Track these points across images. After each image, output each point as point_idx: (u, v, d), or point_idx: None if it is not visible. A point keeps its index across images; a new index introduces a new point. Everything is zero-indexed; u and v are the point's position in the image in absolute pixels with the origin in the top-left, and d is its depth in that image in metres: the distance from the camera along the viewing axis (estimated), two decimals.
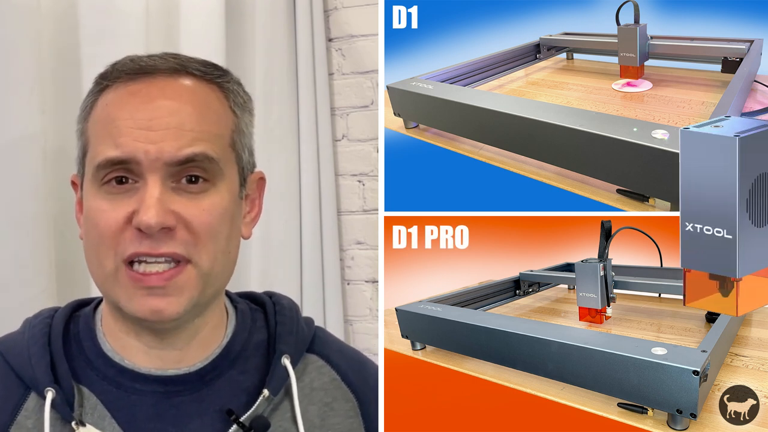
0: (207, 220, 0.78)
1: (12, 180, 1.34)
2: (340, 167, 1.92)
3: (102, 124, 0.79)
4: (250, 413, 0.81)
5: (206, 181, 0.78)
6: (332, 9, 1.92)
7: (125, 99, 0.78)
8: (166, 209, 0.75)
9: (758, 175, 0.82)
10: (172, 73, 0.80)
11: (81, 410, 0.79)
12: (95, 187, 0.78)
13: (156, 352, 0.82)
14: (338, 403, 0.88)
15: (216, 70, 0.84)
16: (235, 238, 0.83)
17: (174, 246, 0.76)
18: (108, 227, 0.76)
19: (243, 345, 0.86)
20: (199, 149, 0.77)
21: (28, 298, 1.32)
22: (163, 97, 0.78)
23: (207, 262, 0.78)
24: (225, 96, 0.83)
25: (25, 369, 0.80)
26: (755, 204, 0.83)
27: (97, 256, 0.78)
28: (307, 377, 0.88)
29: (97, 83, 0.82)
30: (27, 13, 1.36)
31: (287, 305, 0.92)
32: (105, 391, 0.81)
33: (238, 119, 0.84)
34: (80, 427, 0.78)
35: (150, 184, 0.75)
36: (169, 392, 0.81)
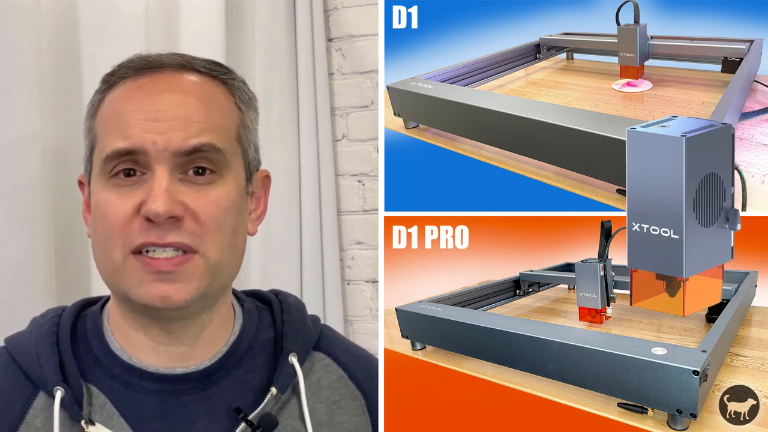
0: (214, 211, 0.78)
1: (12, 180, 1.34)
2: (340, 167, 1.92)
3: (110, 119, 0.80)
4: (258, 411, 0.81)
5: (213, 172, 0.79)
6: (332, 9, 1.93)
7: (133, 93, 0.80)
8: (173, 199, 0.76)
9: (705, 175, 0.84)
10: (178, 68, 0.82)
11: (90, 409, 0.80)
12: (103, 180, 0.79)
13: (164, 348, 0.82)
14: (346, 401, 0.89)
15: (221, 68, 0.85)
16: (242, 232, 0.84)
17: (181, 236, 0.77)
18: (117, 218, 0.77)
19: (250, 343, 0.87)
20: (206, 140, 0.78)
21: (29, 298, 1.33)
22: (169, 90, 0.79)
23: (214, 253, 0.79)
24: (230, 92, 0.84)
25: (33, 368, 0.81)
26: (702, 204, 0.84)
27: (105, 248, 0.79)
28: (314, 375, 0.88)
29: (105, 81, 0.83)
30: (27, 13, 1.36)
31: (293, 303, 0.92)
32: (113, 390, 0.81)
33: (244, 115, 0.85)
34: (89, 425, 0.78)
35: (158, 175, 0.76)
36: (177, 390, 0.82)
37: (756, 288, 1.54)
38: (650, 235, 0.87)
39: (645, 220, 0.87)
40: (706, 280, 0.88)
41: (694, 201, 0.84)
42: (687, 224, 0.84)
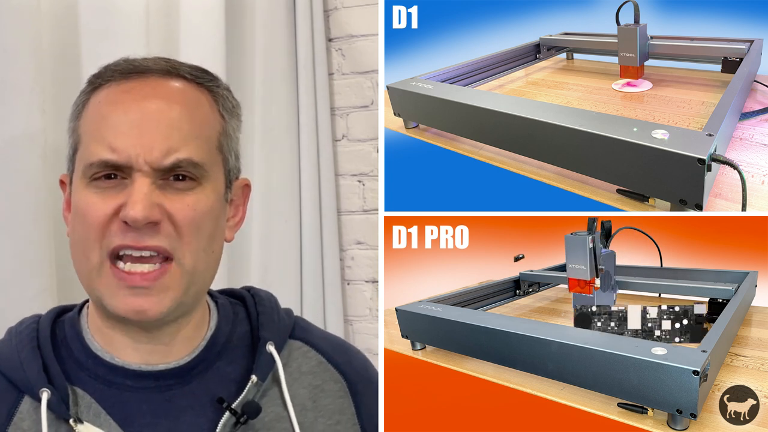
0: (191, 215, 0.79)
1: (12, 179, 1.34)
2: (340, 167, 1.92)
3: (94, 123, 0.80)
4: (241, 399, 0.83)
5: (193, 179, 0.80)
6: (332, 9, 1.92)
7: (118, 97, 0.80)
8: (152, 204, 0.77)
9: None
10: (164, 74, 0.82)
11: (77, 409, 0.80)
12: (85, 182, 0.79)
13: (143, 347, 0.83)
14: (328, 384, 0.90)
15: (206, 75, 0.86)
16: (219, 239, 0.85)
17: (158, 240, 0.78)
18: (96, 218, 0.78)
19: (227, 337, 0.88)
20: (184, 155, 0.79)
21: (28, 298, 1.33)
22: (154, 96, 0.80)
23: (190, 259, 0.80)
24: (214, 100, 0.85)
25: (16, 373, 0.81)
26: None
27: (83, 249, 0.79)
28: (293, 363, 0.90)
29: (90, 83, 0.83)
30: (27, 13, 1.36)
31: (265, 297, 0.94)
32: (98, 390, 0.82)
33: (226, 123, 0.86)
34: (78, 424, 0.79)
35: (138, 182, 0.77)
36: (161, 386, 0.83)
37: (756, 288, 1.54)
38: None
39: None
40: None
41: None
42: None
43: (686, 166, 0.96)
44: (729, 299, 1.38)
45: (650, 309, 1.19)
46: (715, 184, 1.06)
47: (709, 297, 1.44)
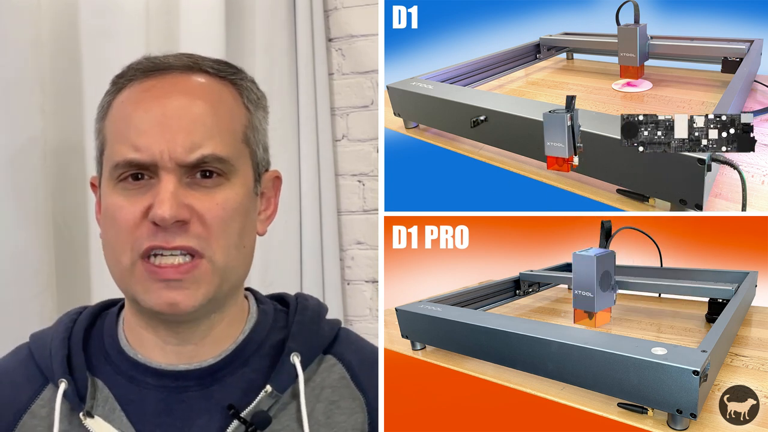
0: (220, 213, 0.79)
1: (12, 180, 1.34)
2: (340, 167, 1.92)
3: (118, 123, 0.81)
4: (251, 408, 0.82)
5: (220, 175, 0.80)
6: (332, 9, 1.92)
7: (140, 95, 0.80)
8: (180, 203, 0.77)
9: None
10: (186, 70, 0.82)
11: (93, 402, 0.81)
12: (112, 184, 0.80)
13: (171, 348, 0.83)
14: (345, 401, 0.88)
15: (229, 68, 0.86)
16: (250, 234, 0.84)
17: (188, 239, 0.78)
18: (125, 222, 0.78)
19: (260, 344, 0.87)
20: (209, 150, 0.78)
21: (29, 297, 1.33)
22: (176, 92, 0.80)
23: (221, 256, 0.79)
24: (238, 92, 0.85)
25: (45, 360, 0.84)
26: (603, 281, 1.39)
27: (114, 252, 0.80)
28: (318, 377, 0.88)
29: (114, 83, 0.84)
30: (27, 13, 1.36)
31: (311, 306, 0.92)
32: (118, 384, 0.83)
33: (252, 115, 0.85)
34: (87, 418, 0.80)
35: (165, 180, 0.77)
36: (179, 387, 0.83)
37: (756, 288, 1.54)
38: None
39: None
40: (603, 313, 1.39)
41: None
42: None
43: (686, 166, 0.96)
44: (729, 299, 1.38)
45: (697, 118, 1.14)
46: (715, 184, 1.06)
47: (709, 297, 1.44)
